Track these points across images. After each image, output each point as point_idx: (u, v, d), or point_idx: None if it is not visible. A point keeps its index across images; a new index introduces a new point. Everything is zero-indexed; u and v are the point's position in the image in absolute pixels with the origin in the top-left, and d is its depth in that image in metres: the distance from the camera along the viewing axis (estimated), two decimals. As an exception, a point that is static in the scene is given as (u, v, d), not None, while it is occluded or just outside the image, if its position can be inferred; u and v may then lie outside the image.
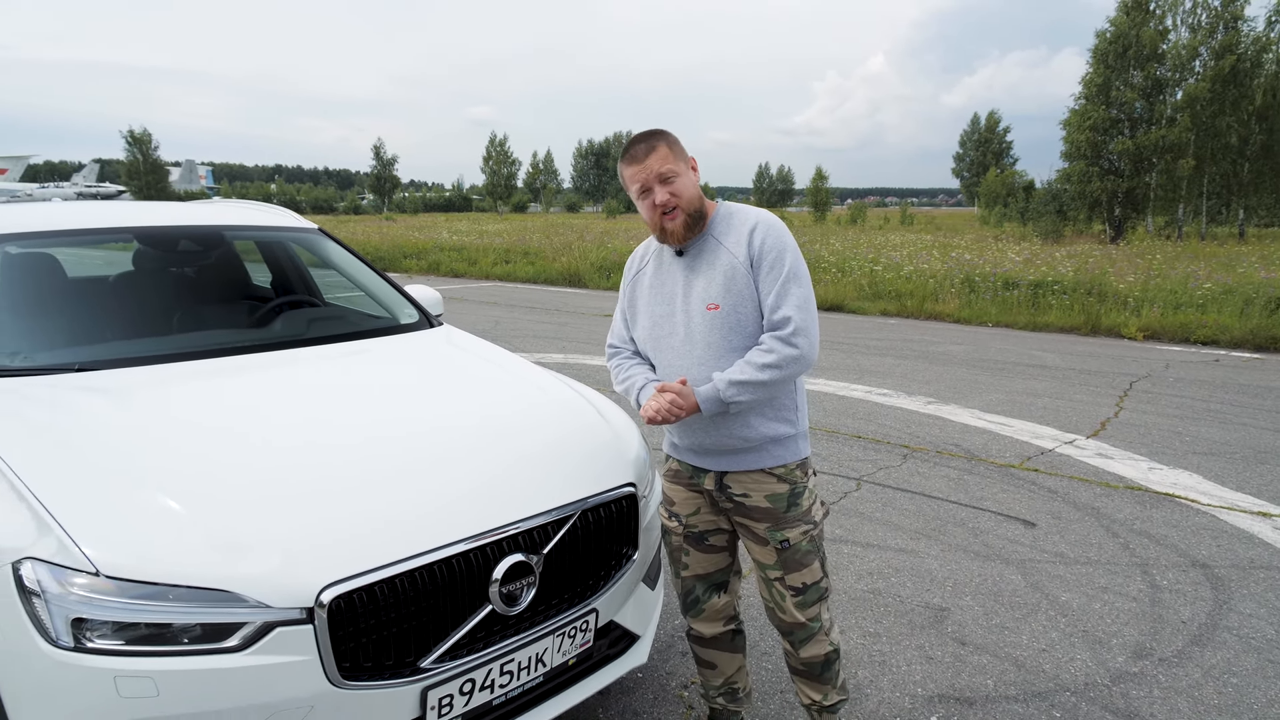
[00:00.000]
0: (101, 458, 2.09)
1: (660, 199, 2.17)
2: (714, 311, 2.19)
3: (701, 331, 2.21)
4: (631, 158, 2.20)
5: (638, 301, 2.38)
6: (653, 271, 2.35)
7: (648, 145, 2.19)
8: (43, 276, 3.17)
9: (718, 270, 2.20)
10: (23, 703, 1.78)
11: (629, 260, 2.45)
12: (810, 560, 2.28)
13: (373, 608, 1.87)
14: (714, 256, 2.23)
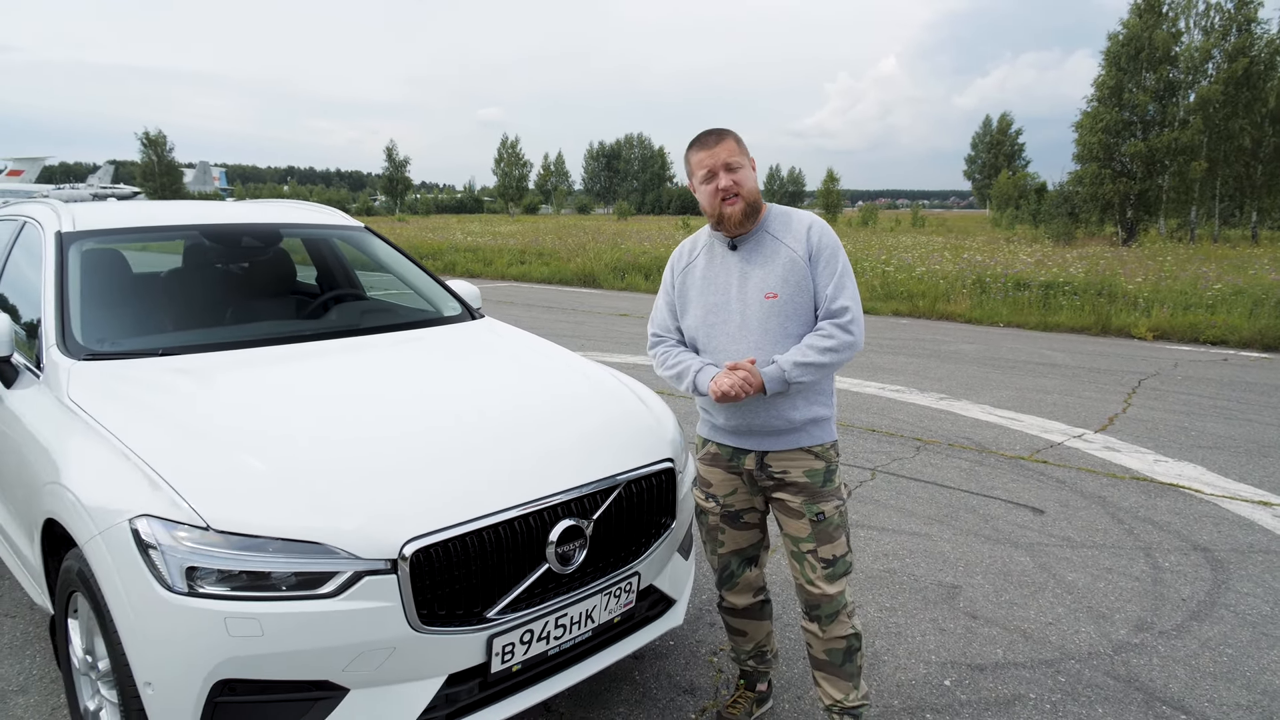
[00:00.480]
0: (199, 429, 2.33)
1: (724, 184, 2.35)
2: (772, 300, 2.38)
3: (758, 319, 2.39)
4: (702, 144, 2.40)
5: (688, 292, 2.55)
6: (704, 264, 2.53)
7: (718, 136, 2.40)
8: (117, 270, 3.41)
9: (777, 263, 2.40)
10: (143, 643, 2.01)
11: (675, 254, 2.64)
12: (839, 535, 2.47)
13: (447, 562, 2.09)
14: (772, 251, 2.42)
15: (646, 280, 18.24)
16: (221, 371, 2.76)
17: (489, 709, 2.23)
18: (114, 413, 2.42)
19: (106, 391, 2.57)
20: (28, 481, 2.61)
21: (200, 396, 2.55)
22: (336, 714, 2.03)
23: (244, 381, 2.71)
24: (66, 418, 2.50)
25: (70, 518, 2.22)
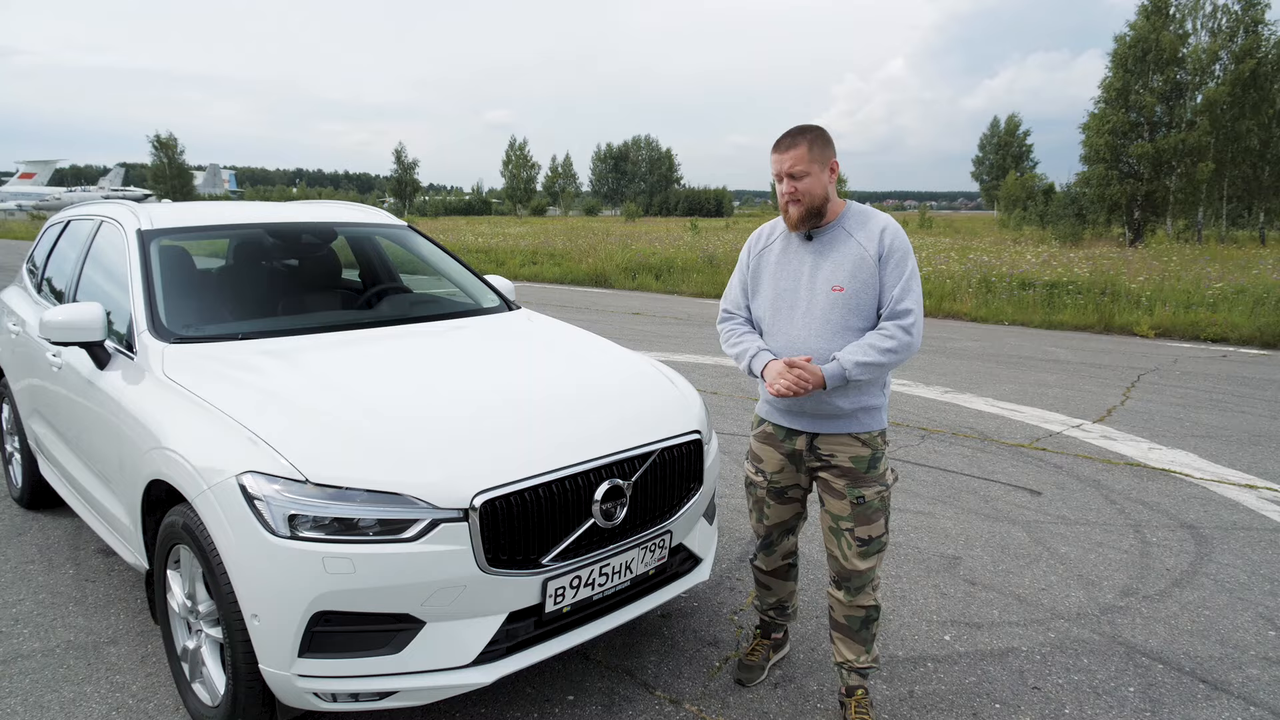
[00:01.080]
0: (290, 400, 2.66)
1: (785, 189, 2.59)
2: (838, 293, 2.57)
3: (823, 309, 2.59)
4: (776, 148, 2.61)
5: (762, 274, 2.75)
6: (779, 250, 2.74)
7: (790, 142, 2.57)
8: (189, 265, 3.75)
9: (847, 259, 2.58)
10: (251, 581, 2.34)
11: (753, 236, 2.86)
12: (878, 517, 2.69)
13: (509, 513, 2.42)
14: (844, 246, 2.60)
15: (657, 280, 18.57)
16: (301, 353, 3.09)
17: (542, 645, 2.55)
18: (211, 387, 2.76)
19: (200, 369, 2.91)
20: (128, 450, 2.95)
21: (286, 374, 2.88)
22: (415, 644, 2.36)
23: (321, 362, 3.04)
24: (166, 392, 2.83)
25: (179, 477, 2.55)
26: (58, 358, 3.64)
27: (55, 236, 4.60)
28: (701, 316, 13.17)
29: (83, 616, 3.53)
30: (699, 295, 16.76)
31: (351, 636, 2.34)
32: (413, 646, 2.36)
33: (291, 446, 2.41)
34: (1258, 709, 2.89)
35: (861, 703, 2.75)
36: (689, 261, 19.98)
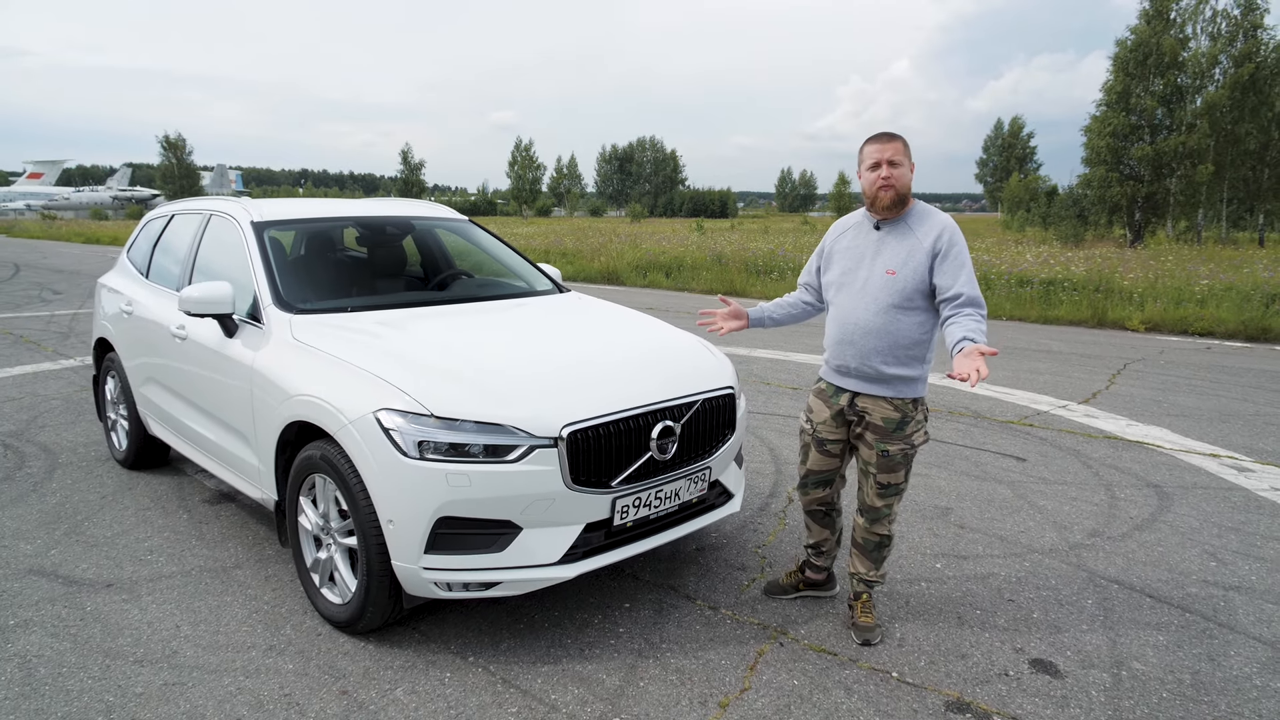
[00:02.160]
0: (407, 355, 3.31)
1: (884, 174, 3.03)
2: (891, 276, 3.05)
3: (876, 288, 3.08)
4: (876, 141, 3.08)
5: (834, 255, 3.28)
6: (852, 237, 3.24)
7: (889, 137, 3.07)
8: (293, 250, 4.39)
9: (904, 248, 3.05)
10: (387, 493, 2.97)
11: (833, 227, 3.36)
12: (899, 469, 3.25)
13: (587, 443, 3.05)
14: (904, 238, 3.07)
15: (668, 278, 19.19)
16: (403, 322, 3.75)
17: (610, 552, 3.18)
18: (339, 346, 3.40)
19: (324, 333, 3.55)
20: (261, 402, 3.59)
21: (397, 336, 3.53)
22: (514, 545, 2.99)
23: (421, 328, 3.69)
24: (300, 351, 3.48)
25: (320, 417, 3.18)
26: (182, 330, 4.28)
27: (159, 230, 5.25)
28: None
29: (205, 549, 4.17)
30: (709, 292, 17.37)
31: (465, 538, 2.97)
32: (512, 547, 2.99)
33: (415, 388, 3.04)
34: (1192, 615, 3.51)
35: (866, 605, 3.38)
36: (698, 260, 20.60)
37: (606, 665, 3.12)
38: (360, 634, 3.30)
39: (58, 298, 15.51)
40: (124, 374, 5.15)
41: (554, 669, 3.09)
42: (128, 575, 3.87)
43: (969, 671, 3.09)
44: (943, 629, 3.40)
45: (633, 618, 3.48)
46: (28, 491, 4.95)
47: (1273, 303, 12.43)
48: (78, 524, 4.47)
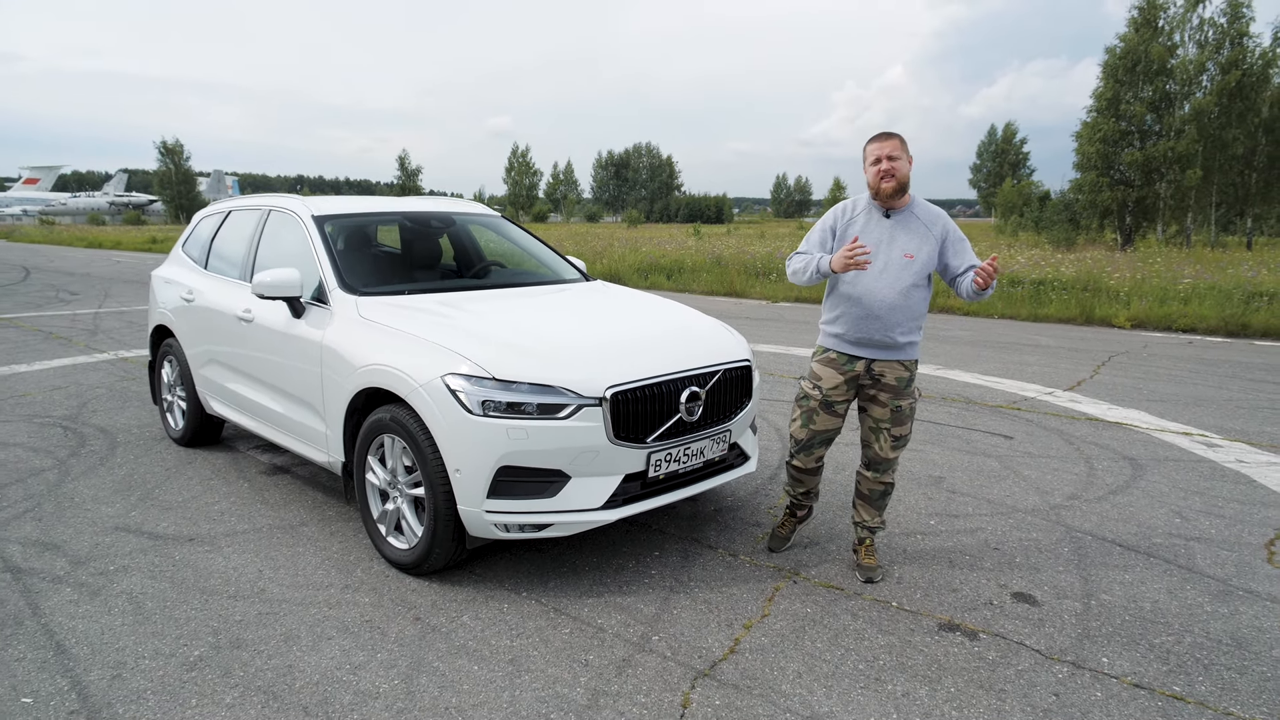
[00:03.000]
0: (467, 328, 3.77)
1: (884, 166, 3.50)
2: (909, 259, 3.54)
3: (895, 269, 3.53)
4: (876, 140, 3.57)
5: (847, 237, 3.62)
6: (863, 222, 3.63)
7: (888, 135, 3.56)
8: (348, 240, 4.84)
9: (916, 235, 3.56)
10: (455, 446, 3.42)
11: (838, 208, 3.72)
12: (908, 421, 3.74)
13: (627, 403, 3.50)
14: (916, 226, 3.57)
15: (669, 280, 19.67)
16: (456, 302, 4.21)
17: (646, 501, 3.64)
18: (405, 322, 3.86)
19: (390, 312, 4.01)
20: (330, 373, 4.04)
21: (454, 313, 3.99)
22: (564, 491, 3.44)
23: (473, 307, 4.14)
24: (368, 328, 3.93)
25: (392, 383, 3.64)
26: (248, 313, 4.73)
27: (215, 226, 5.70)
28: (714, 311, 14.26)
29: (271, 510, 4.62)
30: (709, 294, 17.84)
31: (522, 485, 3.42)
32: (562, 493, 3.45)
33: (477, 355, 3.50)
34: (1155, 560, 3.98)
35: (869, 548, 3.84)
36: (698, 263, 21.10)
37: (643, 598, 3.58)
38: (424, 575, 3.75)
39: (75, 298, 15.92)
40: (184, 358, 5.59)
41: (597, 600, 3.55)
42: (205, 532, 4.31)
43: (959, 601, 3.55)
44: (936, 570, 3.87)
45: (662, 563, 3.94)
46: (95, 465, 5.39)
47: (1252, 300, 12.94)
48: (149, 491, 4.92)
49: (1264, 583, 3.74)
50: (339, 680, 2.94)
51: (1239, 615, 3.43)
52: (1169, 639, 3.24)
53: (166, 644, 3.20)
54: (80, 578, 3.76)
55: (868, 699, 2.84)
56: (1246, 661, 3.08)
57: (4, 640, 3.21)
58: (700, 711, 2.76)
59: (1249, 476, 5.25)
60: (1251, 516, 4.56)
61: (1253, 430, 6.35)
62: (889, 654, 3.13)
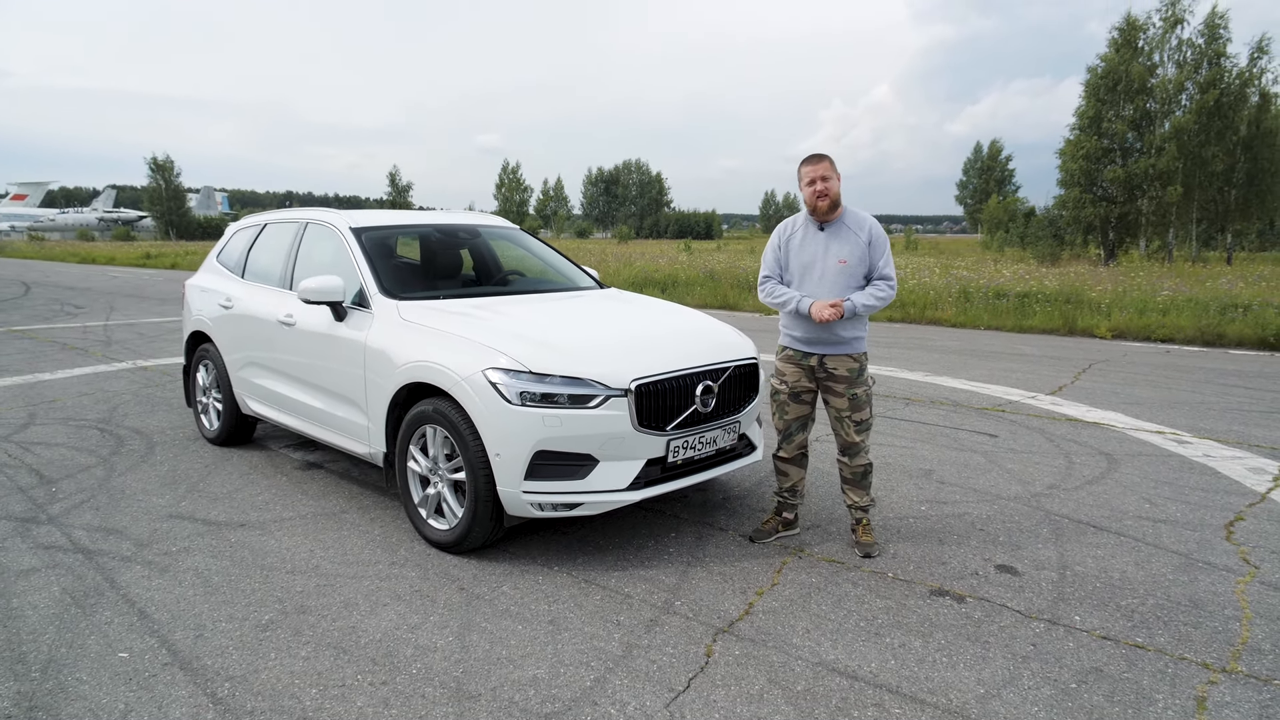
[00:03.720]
0: (500, 327, 4.16)
1: (819, 187, 3.96)
2: (843, 265, 4.03)
3: (833, 275, 3.99)
4: (809, 162, 4.01)
5: (790, 252, 4.13)
6: (801, 237, 4.13)
7: (819, 157, 4.02)
8: (389, 250, 5.22)
9: (848, 243, 3.99)
10: (495, 433, 3.79)
11: (780, 228, 4.24)
12: (865, 407, 4.16)
13: (649, 394, 3.89)
14: (847, 235, 4.01)
15: (663, 293, 20.06)
16: (488, 305, 4.60)
17: (665, 484, 4.02)
18: (445, 323, 4.25)
19: (429, 315, 4.39)
20: (374, 371, 4.41)
21: (488, 315, 4.39)
22: (593, 474, 3.82)
23: (504, 310, 4.54)
24: (410, 329, 4.32)
25: (435, 377, 4.01)
26: (290, 318, 5.11)
27: (252, 238, 6.08)
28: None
29: (311, 500, 4.98)
30: (703, 307, 18.26)
31: (556, 468, 3.81)
32: (591, 475, 3.83)
33: (514, 352, 3.89)
34: (1125, 538, 4.38)
35: (866, 527, 4.24)
36: (691, 277, 21.57)
37: (664, 571, 3.96)
38: (464, 553, 4.12)
39: (81, 311, 16.23)
40: (221, 361, 5.95)
41: (623, 573, 3.93)
42: (254, 518, 4.67)
43: (947, 572, 3.94)
44: (927, 547, 4.26)
45: (678, 542, 4.32)
46: (138, 462, 5.74)
47: (1226, 311, 13.44)
48: (194, 484, 5.27)
49: (1221, 557, 4.15)
50: (399, 638, 3.31)
51: (1197, 583, 3.84)
52: (1134, 601, 3.64)
53: (238, 610, 3.55)
54: (147, 557, 4.12)
55: (869, 649, 3.23)
56: (1201, 619, 3.48)
57: (90, 608, 3.56)
58: (722, 660, 3.14)
59: (1214, 469, 5.68)
60: (1214, 502, 4.98)
61: (1221, 429, 6.79)
62: (886, 614, 3.52)
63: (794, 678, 3.02)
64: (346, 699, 2.88)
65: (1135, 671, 3.06)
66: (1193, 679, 3.01)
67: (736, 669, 3.08)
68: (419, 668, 3.09)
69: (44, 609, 3.55)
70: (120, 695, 2.90)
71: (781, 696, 2.89)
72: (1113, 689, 2.94)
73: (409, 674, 3.04)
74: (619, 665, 3.10)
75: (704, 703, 2.86)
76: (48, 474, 5.45)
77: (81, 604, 3.60)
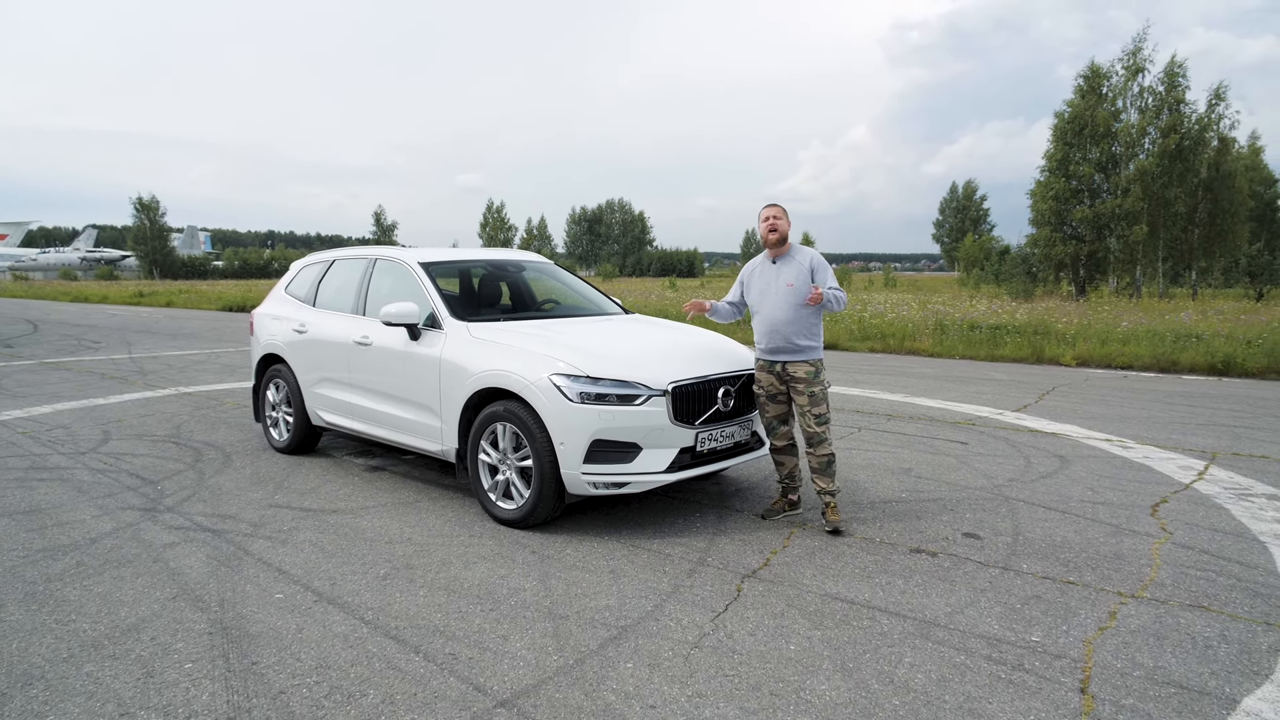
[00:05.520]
0: (559, 341, 5.10)
1: (770, 224, 5.01)
2: (790, 287, 5.02)
3: (782, 295, 4.94)
4: (769, 207, 5.07)
5: (752, 282, 5.17)
6: (759, 269, 5.17)
7: (775, 204, 5.10)
8: (451, 281, 6.15)
9: (793, 270, 4.97)
10: (559, 425, 4.71)
11: (746, 266, 5.30)
12: (822, 402, 5.07)
13: (682, 395, 4.83)
14: (793, 264, 4.99)
15: (656, 327, 21.08)
16: (546, 325, 5.56)
17: (695, 469, 4.95)
18: (511, 339, 5.19)
19: (496, 334, 5.33)
20: (448, 380, 5.32)
21: (545, 333, 5.33)
22: (638, 458, 4.74)
23: (560, 329, 5.49)
24: (481, 344, 5.24)
25: (508, 383, 4.93)
26: (366, 339, 6.02)
27: (321, 272, 7.01)
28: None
29: (385, 494, 5.85)
30: (695, 339, 19.26)
31: (608, 453, 4.72)
32: (637, 459, 4.75)
33: (573, 360, 4.83)
34: (1069, 515, 5.33)
35: (834, 509, 5.14)
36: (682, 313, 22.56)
37: (695, 539, 4.87)
38: (529, 528, 5.00)
39: (98, 345, 16.99)
40: (294, 379, 6.84)
41: (662, 540, 4.83)
42: (342, 506, 5.54)
43: (923, 538, 4.88)
44: (906, 522, 5.20)
45: (703, 520, 5.24)
46: (222, 467, 6.59)
47: (1180, 340, 14.58)
48: (279, 483, 6.13)
49: (1145, 527, 5.11)
50: (493, 583, 4.20)
51: (1122, 543, 4.79)
52: (1070, 554, 4.59)
53: (357, 568, 4.43)
54: (264, 534, 4.98)
55: (862, 585, 4.15)
56: (1121, 565, 4.43)
57: (236, 567, 4.42)
58: (750, 593, 4.05)
59: (1150, 467, 6.66)
60: (1146, 490, 5.95)
61: (1162, 438, 7.79)
62: (875, 564, 4.45)
63: (806, 603, 3.94)
64: (466, 619, 3.76)
65: (1066, 597, 4.00)
66: (1109, 602, 3.95)
67: (762, 598, 3.99)
68: (515, 601, 3.97)
69: (199, 568, 4.41)
70: (289, 620, 3.77)
71: (798, 614, 3.81)
72: (1048, 607, 3.87)
73: (509, 604, 3.93)
74: (670, 597, 4.00)
75: (740, 619, 3.76)
76: (147, 476, 6.29)
77: (228, 564, 4.46)
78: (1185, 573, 4.33)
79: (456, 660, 3.38)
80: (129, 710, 3.00)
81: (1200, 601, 3.96)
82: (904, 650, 3.46)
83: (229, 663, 3.35)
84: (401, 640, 3.56)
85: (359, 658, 3.40)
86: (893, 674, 3.26)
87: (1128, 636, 3.58)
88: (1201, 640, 3.55)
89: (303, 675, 3.25)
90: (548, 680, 3.21)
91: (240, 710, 2.99)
